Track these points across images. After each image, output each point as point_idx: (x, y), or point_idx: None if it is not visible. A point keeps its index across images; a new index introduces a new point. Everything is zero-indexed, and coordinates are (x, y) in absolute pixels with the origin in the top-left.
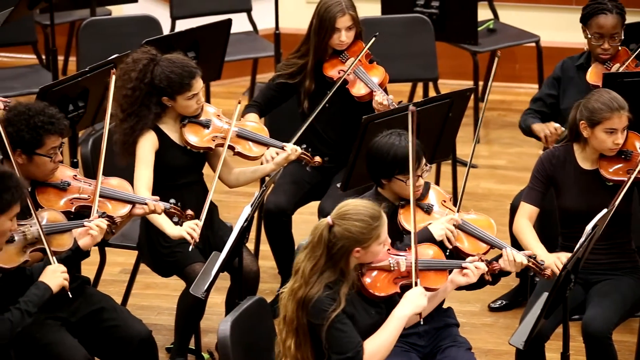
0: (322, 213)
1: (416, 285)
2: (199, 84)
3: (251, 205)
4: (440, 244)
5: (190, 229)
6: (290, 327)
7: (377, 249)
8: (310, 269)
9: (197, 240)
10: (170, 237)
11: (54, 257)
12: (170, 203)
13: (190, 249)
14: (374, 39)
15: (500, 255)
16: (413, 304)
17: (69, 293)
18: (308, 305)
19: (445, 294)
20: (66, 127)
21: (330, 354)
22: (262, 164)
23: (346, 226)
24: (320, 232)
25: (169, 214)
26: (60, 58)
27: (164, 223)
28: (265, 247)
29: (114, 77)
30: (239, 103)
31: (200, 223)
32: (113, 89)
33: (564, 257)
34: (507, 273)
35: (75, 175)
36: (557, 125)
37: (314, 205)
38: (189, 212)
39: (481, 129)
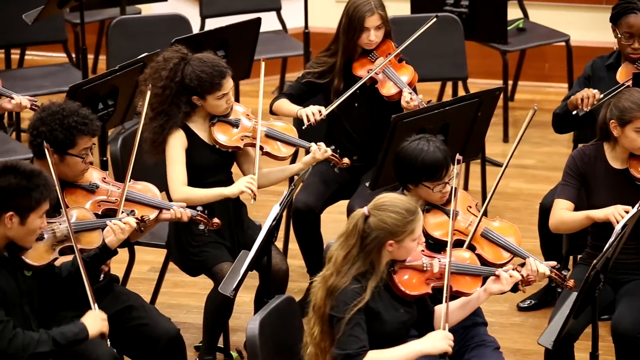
0: (351, 212)
1: (450, 288)
2: (229, 84)
3: (280, 204)
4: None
5: (248, 183)
6: (317, 314)
7: (411, 245)
8: (343, 258)
9: (257, 194)
10: (231, 196)
11: (93, 301)
12: (197, 210)
13: (252, 201)
14: (434, 19)
15: (523, 264)
16: (433, 344)
17: (108, 341)
18: (334, 295)
19: (479, 301)
20: (99, 128)
21: (334, 347)
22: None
23: (381, 217)
24: (355, 221)
25: (195, 221)
26: (90, 57)
27: (218, 190)
28: (294, 246)
29: (149, 93)
30: (263, 61)
31: (256, 177)
32: (140, 85)
33: (620, 208)
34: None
35: (105, 178)
36: (596, 90)
37: (342, 204)
38: (215, 220)
39: (510, 128)
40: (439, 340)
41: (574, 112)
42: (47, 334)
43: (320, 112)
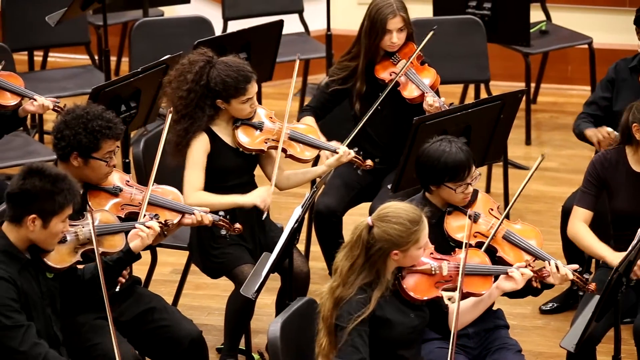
0: None
1: (461, 291)
2: (254, 89)
3: (302, 206)
4: (488, 252)
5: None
6: (325, 325)
7: (416, 254)
8: (348, 269)
9: (269, 207)
10: (245, 206)
11: (117, 347)
12: (219, 215)
13: (264, 216)
14: (432, 32)
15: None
16: None
17: None
18: (339, 305)
19: (491, 299)
20: (122, 131)
21: (334, 354)
22: (317, 165)
23: (385, 228)
24: (359, 232)
25: (217, 226)
26: (113, 59)
27: (232, 198)
28: (315, 248)
29: (170, 116)
30: (298, 58)
31: (271, 190)
32: (165, 88)
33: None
34: (551, 285)
35: (128, 181)
36: (610, 129)
37: (364, 206)
38: (237, 225)
39: (532, 131)
40: None
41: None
42: None
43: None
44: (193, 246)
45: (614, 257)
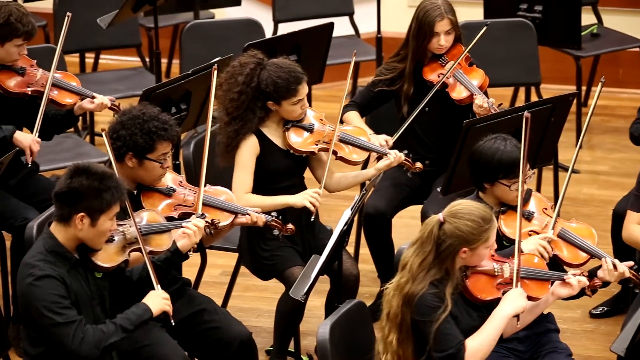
0: (426, 217)
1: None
2: (304, 90)
3: (351, 209)
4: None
5: (312, 198)
6: (393, 322)
7: (484, 252)
8: (419, 265)
9: (318, 208)
10: (294, 206)
11: (156, 282)
12: (272, 216)
13: (313, 217)
14: (485, 28)
15: (600, 267)
16: (513, 304)
17: (172, 321)
18: (413, 302)
19: (546, 305)
20: (178, 133)
21: (432, 352)
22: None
23: (457, 225)
24: (430, 228)
25: (269, 226)
26: (164, 61)
27: (283, 199)
28: (365, 251)
29: (215, 73)
30: (354, 55)
31: (321, 192)
32: (216, 90)
33: None
34: (607, 283)
35: (181, 182)
36: None
37: (413, 209)
38: (290, 226)
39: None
40: (518, 298)
41: None
42: (113, 323)
43: (387, 142)
44: (243, 248)
45: None
